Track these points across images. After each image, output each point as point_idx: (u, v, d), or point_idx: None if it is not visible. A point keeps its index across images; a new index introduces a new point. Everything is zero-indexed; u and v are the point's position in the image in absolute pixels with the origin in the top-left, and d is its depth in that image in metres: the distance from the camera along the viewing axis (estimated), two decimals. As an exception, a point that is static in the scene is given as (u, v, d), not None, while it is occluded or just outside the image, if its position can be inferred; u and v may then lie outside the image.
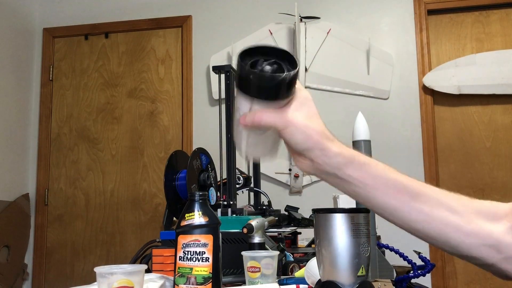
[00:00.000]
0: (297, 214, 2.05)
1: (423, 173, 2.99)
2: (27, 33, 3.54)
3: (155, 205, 3.30)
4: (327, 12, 3.23)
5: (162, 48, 3.44)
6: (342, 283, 0.80)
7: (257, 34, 3.26)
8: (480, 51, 3.08)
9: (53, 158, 3.47)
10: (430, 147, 3.01)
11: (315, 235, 0.86)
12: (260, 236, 1.22)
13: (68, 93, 3.52)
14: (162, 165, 3.28)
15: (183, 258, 0.87)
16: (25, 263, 3.33)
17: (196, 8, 3.41)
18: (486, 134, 3.03)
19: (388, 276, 1.09)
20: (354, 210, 0.84)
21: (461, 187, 3.00)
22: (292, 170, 3.04)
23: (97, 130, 3.44)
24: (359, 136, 1.11)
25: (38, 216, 3.41)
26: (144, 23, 3.46)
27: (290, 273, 1.31)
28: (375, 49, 3.12)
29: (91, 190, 3.39)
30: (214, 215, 0.91)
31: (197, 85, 3.34)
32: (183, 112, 3.33)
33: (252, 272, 1.01)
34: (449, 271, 2.96)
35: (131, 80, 3.45)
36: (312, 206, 0.98)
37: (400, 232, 0.68)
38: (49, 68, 3.55)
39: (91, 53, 3.52)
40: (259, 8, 3.31)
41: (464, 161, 3.04)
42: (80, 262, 3.33)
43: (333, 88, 3.14)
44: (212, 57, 3.28)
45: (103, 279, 0.77)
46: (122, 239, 3.31)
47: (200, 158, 1.60)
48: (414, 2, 3.15)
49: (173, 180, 1.54)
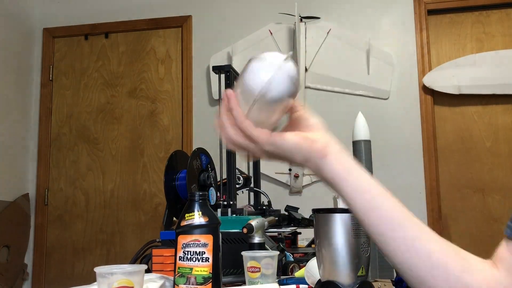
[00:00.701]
0: (297, 214, 2.05)
1: (423, 173, 2.99)
2: (27, 33, 3.54)
3: (155, 205, 3.30)
4: (327, 12, 3.23)
5: (162, 48, 3.44)
6: (342, 283, 0.80)
7: (257, 34, 3.26)
8: (480, 51, 3.08)
9: (53, 158, 3.47)
10: (430, 147, 3.01)
11: (315, 235, 0.86)
12: (260, 236, 1.22)
13: (68, 93, 3.52)
14: (162, 165, 3.28)
15: (183, 258, 0.87)
16: (25, 263, 3.33)
17: (196, 8, 3.41)
18: (486, 134, 3.03)
19: (388, 276, 1.09)
20: (354, 210, 0.83)
21: (461, 187, 3.00)
22: (292, 170, 3.04)
23: (97, 130, 3.44)
24: (359, 136, 1.11)
25: (38, 216, 3.41)
26: (144, 23, 3.46)
27: (290, 273, 1.31)
28: (375, 49, 3.12)
29: (91, 190, 3.39)
30: (214, 215, 0.91)
31: (197, 85, 3.34)
32: (183, 112, 3.33)
33: (252, 272, 1.01)
34: (449, 271, 2.96)
35: (131, 80, 3.45)
36: (312, 206, 0.98)
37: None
38: (49, 68, 3.55)
39: (91, 53, 3.52)
40: (259, 8, 3.31)
41: (464, 161, 3.04)
42: (80, 262, 3.33)
43: (333, 88, 3.14)
44: (212, 57, 3.28)
45: (103, 279, 0.77)
46: (122, 239, 3.31)
47: (200, 158, 1.60)
48: (414, 2, 3.15)
49: (173, 180, 1.54)
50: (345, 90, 3.13)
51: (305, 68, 3.15)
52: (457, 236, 2.97)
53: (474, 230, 2.96)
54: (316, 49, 3.17)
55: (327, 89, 3.15)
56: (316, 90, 3.15)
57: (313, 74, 3.15)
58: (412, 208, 0.64)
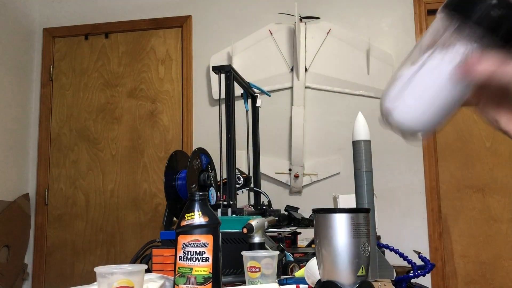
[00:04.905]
0: (297, 214, 2.05)
1: (423, 173, 2.99)
2: (27, 33, 3.54)
3: (155, 205, 3.30)
4: (327, 12, 3.23)
5: (162, 48, 3.44)
6: (342, 283, 0.80)
7: (257, 34, 3.26)
8: (480, 51, 3.07)
9: (53, 158, 3.47)
10: (430, 147, 3.01)
11: (315, 235, 0.86)
12: (260, 236, 1.22)
13: (68, 93, 3.52)
14: (162, 165, 3.28)
15: (183, 258, 0.87)
16: (25, 263, 3.33)
17: (196, 8, 3.41)
18: (486, 134, 3.03)
19: (388, 276, 1.09)
20: (354, 210, 0.84)
21: (461, 187, 3.00)
22: (292, 170, 3.04)
23: (97, 130, 3.44)
24: (359, 136, 1.11)
25: (38, 216, 3.41)
26: (144, 23, 3.46)
27: (290, 273, 1.31)
28: (375, 49, 3.12)
29: (91, 190, 3.39)
30: (214, 215, 0.91)
31: (197, 85, 3.34)
32: (183, 112, 3.33)
33: (252, 272, 1.01)
34: (449, 271, 2.96)
35: (131, 80, 3.45)
36: (312, 206, 0.98)
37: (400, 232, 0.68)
38: (49, 68, 3.55)
39: (91, 53, 3.52)
40: (259, 8, 3.31)
41: (464, 161, 3.04)
42: (80, 262, 3.33)
43: (333, 88, 3.14)
44: (212, 57, 3.28)
45: (103, 279, 0.77)
46: (122, 239, 3.31)
47: (200, 158, 1.60)
48: (414, 2, 3.15)
49: (173, 180, 1.54)
50: (345, 90, 3.13)
51: (305, 68, 3.15)
52: (457, 236, 2.98)
53: (474, 230, 2.96)
54: (316, 49, 3.17)
55: (327, 89, 3.15)
56: (316, 90, 3.15)
57: (313, 74, 3.15)
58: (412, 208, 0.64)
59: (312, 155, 3.10)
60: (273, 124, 3.15)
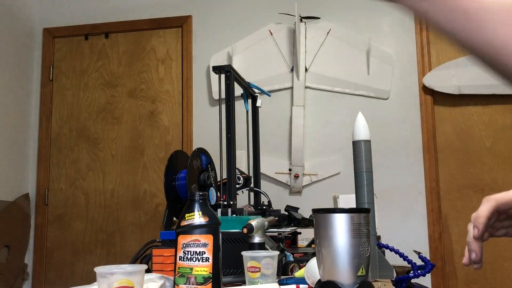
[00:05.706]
0: (297, 214, 2.05)
1: (423, 173, 2.99)
2: (27, 33, 3.54)
3: (155, 205, 3.30)
4: (327, 12, 3.23)
5: (162, 48, 3.44)
6: (342, 283, 0.80)
7: (257, 34, 3.27)
8: (480, 51, 3.07)
9: (53, 158, 3.47)
10: (430, 147, 3.01)
11: (315, 235, 0.86)
12: (260, 236, 1.22)
13: (68, 93, 3.52)
14: (162, 165, 3.28)
15: (183, 258, 0.87)
16: (25, 263, 3.33)
17: (196, 8, 3.41)
18: (486, 134, 3.03)
19: (388, 276, 1.09)
20: (354, 210, 0.84)
21: (461, 187, 3.00)
22: (292, 170, 3.04)
23: (97, 130, 3.44)
24: (359, 136, 1.11)
25: (38, 216, 3.41)
26: (144, 23, 3.46)
27: (290, 273, 1.31)
28: (375, 49, 3.12)
29: (91, 190, 3.39)
30: (214, 215, 0.91)
31: (197, 85, 3.34)
32: (183, 112, 3.33)
33: (252, 272, 1.01)
34: (449, 271, 2.96)
35: (131, 80, 3.45)
36: (312, 206, 0.98)
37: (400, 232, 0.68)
38: (49, 68, 3.55)
39: (91, 53, 3.52)
40: (259, 8, 3.31)
41: (464, 161, 3.04)
42: (80, 262, 3.33)
43: (333, 88, 3.14)
44: (212, 57, 3.28)
45: (103, 279, 0.77)
46: (122, 239, 3.31)
47: (200, 158, 1.60)
48: (414, 2, 3.15)
49: (173, 180, 1.54)
50: (345, 90, 3.13)
51: (305, 68, 3.15)
52: (457, 236, 2.98)
53: (474, 230, 2.96)
54: (316, 49, 3.17)
55: (327, 89, 3.15)
56: (316, 90, 3.15)
57: (313, 74, 3.15)
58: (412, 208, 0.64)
59: (312, 155, 3.10)
60: (273, 124, 3.15)
